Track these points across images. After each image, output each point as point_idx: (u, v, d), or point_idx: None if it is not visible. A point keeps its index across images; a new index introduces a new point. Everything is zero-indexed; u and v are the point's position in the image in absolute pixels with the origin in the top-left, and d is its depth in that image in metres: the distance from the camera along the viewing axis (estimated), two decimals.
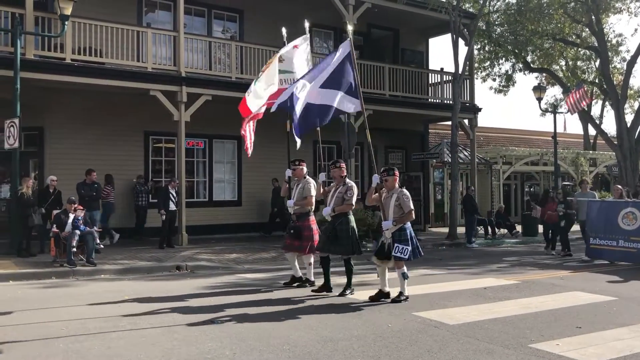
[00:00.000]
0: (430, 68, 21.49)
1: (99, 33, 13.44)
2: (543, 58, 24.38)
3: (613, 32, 26.88)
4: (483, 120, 48.54)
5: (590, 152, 28.39)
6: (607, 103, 29.16)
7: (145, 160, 15.97)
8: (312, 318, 6.77)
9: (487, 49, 23.90)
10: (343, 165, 8.52)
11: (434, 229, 20.65)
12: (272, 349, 5.45)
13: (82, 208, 11.15)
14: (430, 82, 20.09)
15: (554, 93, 31.55)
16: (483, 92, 59.73)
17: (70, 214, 10.78)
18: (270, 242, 14.81)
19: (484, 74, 24.92)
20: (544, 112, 24.16)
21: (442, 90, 19.90)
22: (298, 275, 9.02)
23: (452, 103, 18.14)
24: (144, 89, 13.99)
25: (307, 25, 9.98)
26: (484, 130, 27.58)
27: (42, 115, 14.40)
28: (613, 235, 12.03)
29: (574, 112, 20.93)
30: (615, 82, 24.44)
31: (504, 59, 24.23)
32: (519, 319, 6.80)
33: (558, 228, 13.96)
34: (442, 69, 20.06)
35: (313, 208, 8.82)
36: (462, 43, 18.54)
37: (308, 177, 8.82)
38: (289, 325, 6.40)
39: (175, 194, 13.87)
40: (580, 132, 32.32)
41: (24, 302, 7.63)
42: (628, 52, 24.38)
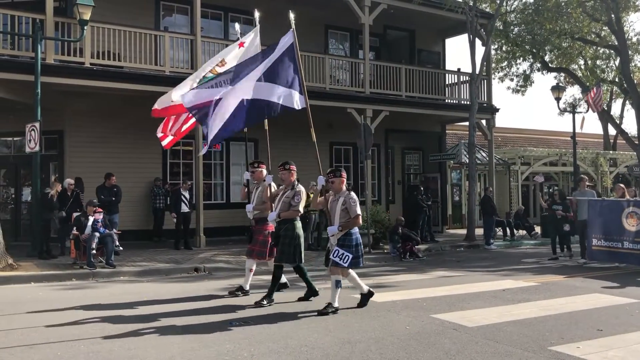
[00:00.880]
0: (447, 68, 21.37)
1: (117, 37, 13.58)
2: (561, 57, 24.16)
3: (633, 30, 26.58)
4: (501, 121, 48.07)
5: (610, 152, 28.00)
6: (627, 102, 28.72)
7: (164, 163, 16.12)
8: (329, 320, 6.77)
9: (504, 49, 23.74)
10: (293, 168, 8.12)
11: (452, 231, 20.53)
12: (289, 351, 5.46)
13: (101, 211, 11.28)
14: (447, 82, 19.98)
15: (573, 93, 31.30)
16: (501, 92, 59.25)
17: (90, 217, 10.91)
18: None
19: (502, 74, 24.79)
20: (563, 112, 23.87)
21: (459, 91, 19.78)
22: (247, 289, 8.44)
23: (469, 104, 18.03)
24: (162, 92, 14.05)
25: (256, 15, 9.21)
26: (502, 131, 27.37)
27: (62, 119, 14.60)
28: (617, 237, 11.39)
29: (595, 111, 20.68)
30: (636, 81, 24.10)
31: (522, 59, 24.06)
32: (539, 322, 6.73)
33: (561, 231, 13.32)
34: (459, 70, 19.94)
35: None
36: (479, 43, 18.44)
37: (299, 184, 8.10)
38: (307, 327, 6.41)
39: (188, 196, 13.99)
40: (600, 132, 31.90)
41: (45, 303, 7.73)
42: None
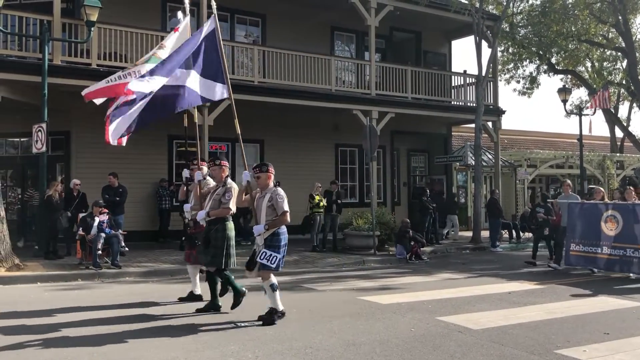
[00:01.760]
0: (453, 70, 21.32)
1: (124, 38, 13.63)
2: (568, 59, 24.09)
3: None
4: (507, 123, 47.94)
5: (617, 154, 27.85)
6: (634, 105, 28.58)
7: (169, 164, 16.15)
8: (334, 322, 6.76)
9: (510, 51, 23.70)
10: (225, 164, 7.52)
11: (460, 233, 20.45)
12: (294, 352, 5.46)
13: (107, 211, 11.31)
14: (453, 84, 19.94)
15: (580, 95, 31.18)
16: (507, 94, 59.09)
17: (96, 217, 10.93)
18: (294, 245, 14.79)
19: (508, 76, 24.74)
20: (569, 114, 23.80)
21: (465, 93, 19.74)
22: (198, 293, 8.03)
23: (475, 105, 17.98)
24: None
25: (186, 1, 8.32)
26: (508, 133, 27.25)
27: (68, 120, 14.65)
28: (596, 241, 10.98)
29: (597, 107, 20.59)
30: None
31: (528, 61, 24.01)
32: (545, 324, 6.70)
33: (542, 235, 12.84)
34: (465, 71, 19.90)
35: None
36: (485, 45, 18.37)
37: (231, 181, 7.45)
38: (312, 329, 6.40)
39: None
40: (607, 134, 31.74)
41: (50, 303, 7.76)
42: None
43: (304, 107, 16.40)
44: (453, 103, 19.85)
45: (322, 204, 14.46)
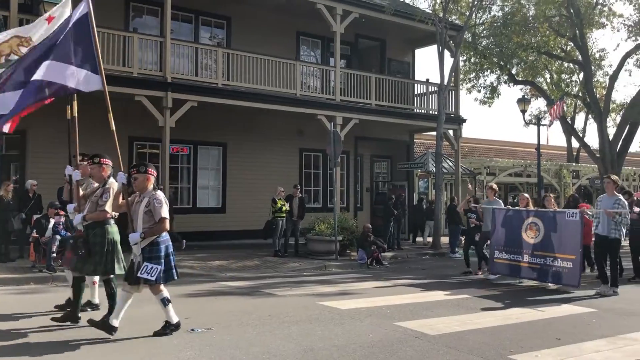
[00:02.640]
0: (417, 79, 21.65)
1: None
2: (528, 71, 24.65)
3: (596, 46, 27.27)
4: (468, 131, 48.64)
5: (573, 164, 28.70)
6: (590, 116, 29.50)
7: (129, 166, 15.83)
8: (293, 327, 6.74)
9: (472, 61, 24.14)
10: (106, 161, 6.82)
11: (418, 239, 20.68)
12: (251, 358, 5.42)
13: (63, 213, 11.01)
14: (416, 92, 20.23)
15: (538, 105, 31.99)
16: (468, 103, 60.23)
17: (51, 219, 10.65)
18: (256, 249, 14.76)
19: (469, 86, 25.16)
20: (528, 124, 24.37)
21: (427, 101, 20.04)
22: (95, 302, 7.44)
23: (437, 114, 18.27)
24: (129, 94, 13.92)
25: None
26: (469, 141, 27.80)
27: (25, 119, 14.19)
28: (518, 249, 10.66)
29: (553, 119, 21.19)
30: (598, 95, 24.80)
31: (489, 71, 24.47)
32: (500, 330, 6.83)
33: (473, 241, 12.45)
34: (427, 80, 20.20)
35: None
36: (448, 54, 18.73)
37: (112, 180, 6.78)
38: (270, 334, 6.37)
39: None
40: (564, 144, 32.68)
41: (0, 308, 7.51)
42: (610, 66, 24.88)
43: (269, 111, 16.39)
44: (416, 111, 20.13)
45: (284, 209, 14.44)
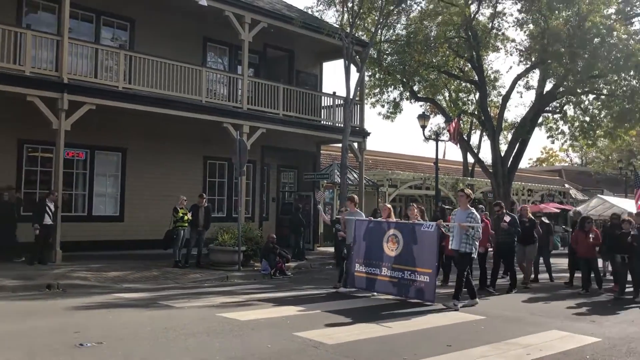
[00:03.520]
0: (324, 91, 21.97)
1: None
2: (429, 88, 25.73)
3: (491, 68, 29.00)
4: (372, 144, 50.03)
5: (469, 178, 30.28)
6: (484, 134, 31.29)
7: (18, 170, 14.83)
8: (189, 340, 6.55)
9: (377, 77, 24.85)
10: None
11: (323, 249, 20.92)
12: None
13: None
14: (323, 104, 20.52)
15: (438, 122, 33.43)
16: (373, 117, 62.08)
17: None
18: (155, 260, 14.23)
19: (374, 100, 25.84)
20: (427, 139, 25.49)
21: (334, 114, 20.39)
22: None
23: (343, 126, 18.62)
24: (21, 94, 13.05)
25: None
26: (373, 154, 28.58)
27: None
28: (377, 262, 10.24)
29: (454, 143, 22.35)
30: (492, 114, 26.36)
31: (393, 87, 25.28)
32: (396, 338, 7.02)
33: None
34: (334, 93, 20.58)
35: None
36: (354, 69, 19.12)
37: None
38: (164, 348, 6.15)
39: (53, 208, 13.03)
40: (460, 159, 34.41)
41: None
42: (504, 87, 26.47)
43: (173, 117, 15.95)
44: (322, 122, 20.40)
45: (186, 218, 14.08)
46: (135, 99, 14.88)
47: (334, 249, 14.51)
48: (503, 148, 26.11)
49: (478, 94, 25.26)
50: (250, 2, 17.18)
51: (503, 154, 24.60)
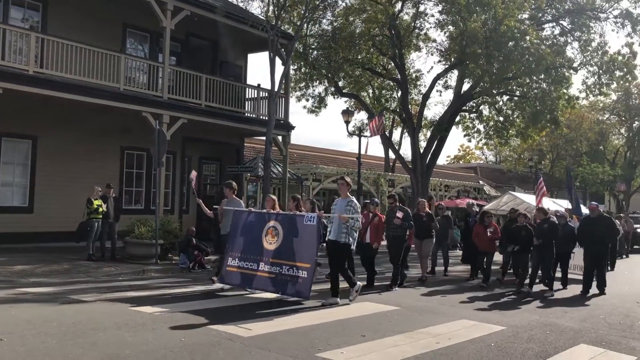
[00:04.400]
0: (248, 83, 21.78)
1: None
2: (353, 84, 26.09)
3: (413, 67, 29.82)
4: (297, 138, 50.13)
5: (390, 174, 31.04)
6: (405, 131, 32.15)
7: None
8: (99, 334, 6.33)
9: (303, 71, 24.92)
10: None
11: None
12: None
13: None
14: (248, 96, 20.34)
15: (362, 117, 34.05)
16: (298, 111, 62.25)
17: None
18: (67, 253, 13.60)
19: (299, 94, 25.92)
20: (351, 134, 25.89)
21: (258, 106, 20.25)
22: None
23: (267, 119, 18.54)
24: None
25: None
26: (297, 148, 28.70)
27: None
28: (255, 256, 9.38)
29: (374, 135, 22.82)
30: (413, 112, 27.15)
31: (318, 82, 25.47)
32: (311, 330, 7.09)
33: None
34: (259, 85, 20.43)
35: None
36: (279, 62, 19.07)
37: None
38: (72, 343, 5.90)
39: None
40: (382, 155, 35.22)
41: None
42: (424, 86, 27.24)
43: (89, 104, 15.27)
44: (246, 115, 20.22)
45: (101, 210, 13.55)
46: (48, 85, 14.13)
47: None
48: (423, 145, 26.95)
49: (400, 92, 25.89)
50: None
51: (422, 151, 25.39)
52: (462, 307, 9.34)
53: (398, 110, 27.22)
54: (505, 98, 25.62)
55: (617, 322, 8.62)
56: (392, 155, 33.00)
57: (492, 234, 12.56)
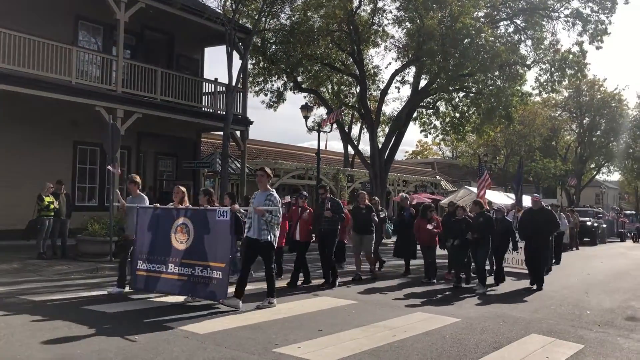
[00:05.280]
0: (205, 77, 21.49)
1: None
2: (312, 80, 26.07)
3: (372, 63, 30.07)
4: (255, 134, 49.87)
5: (349, 169, 31.18)
6: (364, 126, 32.33)
7: None
8: (48, 333, 6.14)
9: (261, 65, 24.76)
10: None
11: None
12: None
13: None
14: (205, 91, 20.08)
15: (321, 113, 34.01)
16: (257, 106, 61.84)
17: None
18: (16, 251, 13.14)
19: (258, 89, 25.74)
20: (310, 130, 25.87)
21: (215, 101, 20.02)
22: None
23: (225, 114, 18.35)
24: None
25: None
26: (256, 143, 28.51)
27: None
28: (163, 257, 8.52)
29: (325, 125, 22.88)
30: (371, 108, 27.32)
31: (277, 77, 25.35)
32: (268, 325, 7.06)
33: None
34: (216, 79, 20.19)
35: None
36: (237, 56, 18.90)
37: None
38: (21, 344, 5.71)
39: None
40: (342, 150, 35.34)
41: None
42: (383, 82, 27.46)
43: (39, 98, 14.79)
44: (204, 109, 19.97)
45: (52, 207, 13.15)
46: None
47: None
48: (381, 140, 27.16)
49: (359, 88, 26.02)
50: None
51: (381, 146, 25.60)
52: (417, 300, 9.45)
53: (357, 106, 27.35)
54: (461, 94, 26.09)
55: (566, 312, 8.90)
56: (351, 151, 33.13)
57: (434, 228, 11.98)
